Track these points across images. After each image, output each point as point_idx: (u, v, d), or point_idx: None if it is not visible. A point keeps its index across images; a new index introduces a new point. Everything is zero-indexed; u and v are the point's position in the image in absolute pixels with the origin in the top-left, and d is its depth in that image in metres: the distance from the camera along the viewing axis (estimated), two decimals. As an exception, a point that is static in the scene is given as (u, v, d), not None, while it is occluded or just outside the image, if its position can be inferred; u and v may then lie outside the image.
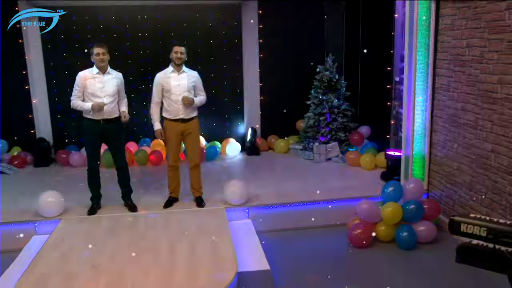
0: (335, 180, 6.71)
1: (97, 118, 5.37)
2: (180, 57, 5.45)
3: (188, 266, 4.21)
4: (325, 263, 4.89)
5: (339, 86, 7.98)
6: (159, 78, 5.56)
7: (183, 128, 5.57)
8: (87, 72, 5.42)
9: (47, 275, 4.09)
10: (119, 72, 5.61)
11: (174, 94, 5.48)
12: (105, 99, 5.34)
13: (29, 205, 5.84)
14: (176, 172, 5.74)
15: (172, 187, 5.77)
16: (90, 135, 5.46)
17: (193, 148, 5.65)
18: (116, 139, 5.55)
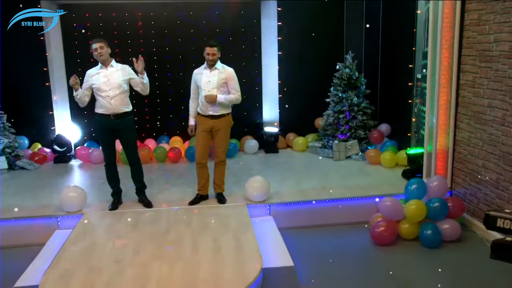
0: (355, 178, 6.65)
1: (107, 113, 5.38)
2: (212, 59, 5.43)
3: (212, 261, 4.19)
4: (348, 260, 4.84)
5: (359, 84, 7.92)
6: (194, 75, 5.61)
7: (212, 124, 5.55)
8: (93, 69, 5.48)
9: (71, 270, 4.09)
10: (125, 65, 5.58)
11: (204, 91, 5.47)
12: (111, 92, 5.34)
13: (51, 200, 5.89)
14: (204, 169, 5.72)
15: (201, 184, 5.75)
16: (101, 131, 5.49)
17: (219, 144, 5.62)
18: (127, 135, 5.53)
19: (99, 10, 8.20)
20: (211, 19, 8.41)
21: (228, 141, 5.77)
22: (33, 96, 8.14)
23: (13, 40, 7.83)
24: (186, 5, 8.31)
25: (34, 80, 8.09)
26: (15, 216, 5.39)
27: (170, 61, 8.43)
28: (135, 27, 8.31)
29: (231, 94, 5.59)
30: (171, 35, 8.42)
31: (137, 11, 8.27)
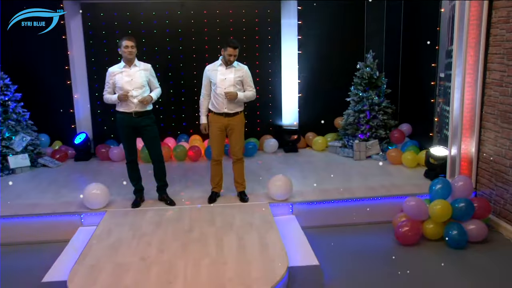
0: (376, 177, 6.59)
1: (129, 111, 5.39)
2: (233, 60, 5.43)
3: (238, 260, 4.18)
4: (372, 259, 4.80)
5: (380, 83, 7.86)
6: (206, 71, 5.55)
7: (227, 123, 5.54)
8: (115, 67, 5.48)
9: (98, 266, 4.11)
10: (147, 63, 5.60)
11: (219, 88, 5.45)
12: (134, 92, 5.36)
13: (73, 198, 5.93)
14: (219, 166, 5.73)
15: (215, 182, 5.76)
16: (123, 128, 5.49)
17: (236, 142, 5.62)
18: (150, 133, 5.53)
19: (121, 9, 8.22)
20: (230, 18, 8.41)
21: (244, 138, 5.76)
22: (54, 94, 8.20)
23: (35, 39, 7.88)
24: (205, 4, 8.31)
25: (55, 79, 8.14)
26: (39, 212, 5.43)
27: (185, 60, 8.43)
28: (151, 26, 8.30)
29: (248, 91, 5.59)
30: (187, 34, 8.41)
31: (153, 10, 8.28)
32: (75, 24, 8.13)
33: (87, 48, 8.32)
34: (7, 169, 7.17)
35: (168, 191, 5.83)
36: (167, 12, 8.30)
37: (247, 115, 8.05)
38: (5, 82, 7.34)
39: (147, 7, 8.26)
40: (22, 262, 4.91)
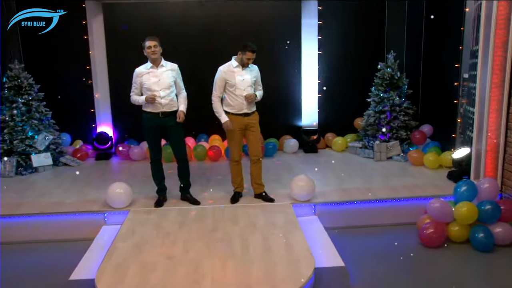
0: (398, 178, 6.54)
1: (156, 111, 5.39)
2: (250, 63, 5.47)
3: (264, 260, 4.17)
4: (397, 261, 4.75)
5: (401, 84, 7.81)
6: (222, 73, 5.52)
7: (246, 122, 5.55)
8: (142, 68, 5.48)
9: (124, 265, 4.12)
10: (174, 63, 5.60)
11: (239, 89, 5.45)
12: (162, 92, 5.36)
13: (96, 196, 5.98)
14: (240, 166, 5.74)
15: (237, 182, 5.76)
16: (149, 128, 5.49)
17: (255, 140, 5.62)
18: (176, 133, 5.54)
19: (142, 9, 8.27)
20: (250, 18, 8.40)
21: (260, 137, 5.78)
22: (75, 93, 8.29)
23: (58, 39, 7.98)
24: (226, 4, 8.32)
25: (77, 78, 8.22)
26: (64, 211, 5.48)
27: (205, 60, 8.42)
28: (170, 26, 8.32)
29: (259, 90, 5.68)
30: (206, 34, 8.43)
31: (172, 10, 8.30)
32: (97, 24, 8.21)
33: (108, 48, 8.38)
34: (30, 167, 7.24)
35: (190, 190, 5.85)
36: (188, 12, 8.33)
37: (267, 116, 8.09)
38: (29, 81, 7.41)
39: (166, 7, 8.29)
40: (48, 259, 4.95)
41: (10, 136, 7.24)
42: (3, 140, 7.24)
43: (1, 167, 7.02)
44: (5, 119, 7.24)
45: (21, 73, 7.37)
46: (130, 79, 8.35)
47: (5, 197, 6.01)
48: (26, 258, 4.99)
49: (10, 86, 7.32)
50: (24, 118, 7.30)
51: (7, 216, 5.37)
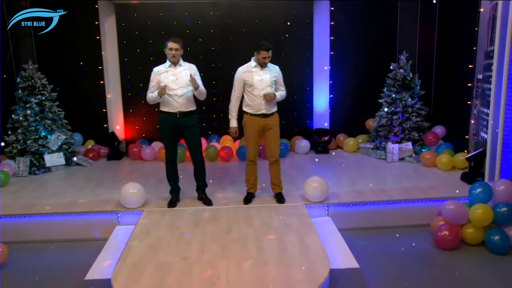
0: (411, 180, 6.51)
1: (173, 111, 5.41)
2: (267, 62, 5.44)
3: (280, 261, 4.16)
4: (412, 263, 4.72)
5: (413, 85, 7.77)
6: (241, 73, 5.53)
7: (264, 123, 5.54)
8: (160, 67, 5.50)
9: (140, 266, 4.13)
10: (192, 64, 5.61)
11: (257, 89, 5.45)
12: (179, 91, 5.37)
13: (109, 196, 6.00)
14: (255, 167, 5.73)
15: (251, 182, 5.75)
16: (166, 129, 5.50)
17: (273, 142, 5.60)
18: (193, 133, 5.55)
19: (154, 9, 8.30)
20: (263, 19, 8.40)
21: (280, 138, 5.76)
22: (87, 94, 8.32)
23: (71, 39, 8.02)
24: (238, 4, 8.33)
25: (89, 79, 8.26)
26: (77, 211, 5.50)
27: (218, 60, 8.44)
28: (183, 27, 8.35)
29: (280, 90, 5.63)
30: (220, 35, 8.45)
31: (186, 11, 8.32)
32: (109, 25, 8.25)
33: (120, 48, 8.41)
34: (43, 167, 7.28)
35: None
36: (200, 12, 8.34)
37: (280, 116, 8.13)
38: (42, 82, 7.46)
39: (179, 8, 8.31)
40: (62, 259, 4.96)
41: (24, 136, 7.28)
42: (17, 140, 7.29)
43: (15, 166, 7.07)
44: (19, 119, 7.29)
45: (35, 74, 7.41)
46: (142, 79, 8.45)
47: (19, 197, 6.05)
48: (40, 257, 5.01)
49: (24, 86, 7.37)
50: (38, 118, 7.34)
51: (21, 216, 5.40)
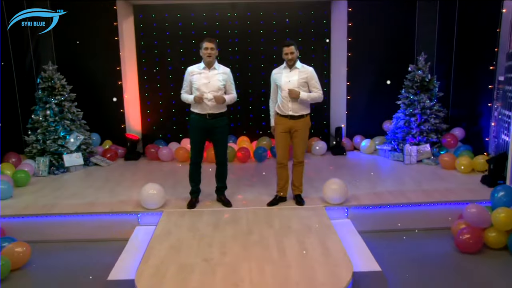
0: (430, 182, 6.46)
1: (203, 113, 5.42)
2: (291, 58, 5.40)
3: (302, 263, 4.15)
4: (434, 267, 4.68)
5: (432, 86, 7.71)
6: (272, 75, 5.59)
7: (291, 125, 5.52)
8: (194, 67, 5.50)
9: (163, 267, 4.14)
10: (226, 67, 5.61)
11: (284, 90, 5.45)
12: (209, 94, 5.38)
13: (128, 197, 6.03)
14: (285, 169, 5.69)
15: (280, 186, 5.72)
16: (195, 129, 5.51)
17: (298, 145, 5.58)
18: (221, 134, 5.57)
19: (172, 10, 8.34)
20: (280, 19, 8.40)
21: (307, 142, 5.73)
22: (105, 94, 8.37)
23: (89, 40, 8.08)
24: (255, 6, 8.34)
25: (107, 79, 8.31)
26: (97, 211, 5.53)
27: (237, 61, 8.45)
28: (208, 28, 8.38)
29: (313, 92, 5.55)
30: (237, 36, 8.47)
31: (209, 12, 8.34)
32: (127, 26, 8.30)
33: (138, 49, 8.45)
34: (62, 167, 7.34)
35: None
36: (217, 13, 8.36)
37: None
38: (61, 82, 7.52)
39: (197, 8, 8.33)
40: (83, 258, 4.99)
41: (43, 136, 7.34)
42: (37, 140, 7.35)
43: (35, 166, 7.13)
44: (39, 119, 7.35)
45: (54, 74, 7.47)
46: (159, 80, 8.50)
47: (40, 196, 6.11)
48: (61, 257, 5.05)
49: (44, 87, 7.43)
50: (57, 118, 7.40)
51: (43, 216, 5.45)
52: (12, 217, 5.43)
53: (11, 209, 5.59)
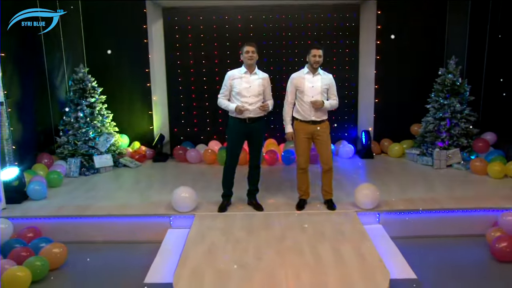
0: (462, 188, 6.38)
1: (243, 117, 5.45)
2: (318, 60, 5.40)
3: (338, 270, 4.14)
4: (470, 275, 4.61)
5: (463, 90, 7.61)
6: (293, 79, 5.55)
7: (314, 130, 5.52)
8: (235, 72, 5.52)
9: (199, 271, 4.17)
10: (265, 72, 5.62)
11: (307, 96, 5.45)
12: (250, 99, 5.41)
13: (158, 199, 6.08)
14: (306, 175, 5.70)
15: (303, 190, 5.73)
16: (234, 133, 5.54)
17: (326, 150, 5.57)
18: (258, 138, 5.61)
19: (200, 13, 8.38)
20: (307, 22, 8.39)
21: (331, 146, 5.74)
22: (134, 96, 8.45)
23: (120, 42, 8.16)
24: (285, 8, 8.34)
25: (136, 81, 8.39)
26: (131, 213, 5.59)
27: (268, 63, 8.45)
28: (235, 30, 8.42)
29: (332, 99, 5.59)
30: (260, 38, 8.46)
31: (237, 14, 8.37)
32: (156, 28, 8.37)
33: (167, 51, 8.53)
34: (93, 168, 7.44)
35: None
36: (245, 16, 8.38)
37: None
38: (92, 84, 7.62)
39: (225, 12, 8.37)
40: (117, 260, 5.06)
41: (74, 137, 7.45)
42: (68, 141, 7.46)
43: (66, 167, 7.24)
44: (70, 121, 7.46)
45: (85, 77, 7.57)
46: (187, 82, 8.55)
47: (73, 198, 6.21)
48: (95, 258, 5.11)
49: (75, 89, 7.55)
50: (88, 120, 7.50)
51: (77, 217, 5.53)
52: (47, 218, 5.52)
53: (46, 210, 5.70)
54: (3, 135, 6.18)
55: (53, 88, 7.70)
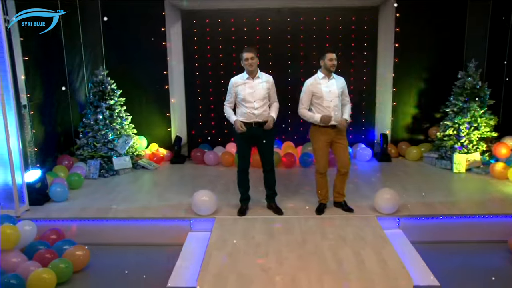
0: (482, 192, 6.33)
1: (249, 121, 5.45)
2: (335, 64, 5.40)
3: (360, 276, 4.14)
4: (492, 282, 4.58)
5: (483, 94, 7.55)
6: (309, 85, 5.53)
7: (334, 134, 5.52)
8: (238, 78, 5.53)
9: (222, 276, 4.20)
10: (269, 75, 5.61)
11: (326, 101, 5.44)
12: (255, 103, 5.42)
13: (178, 202, 6.12)
14: (325, 179, 5.70)
15: (322, 194, 5.73)
16: (242, 138, 5.54)
17: (345, 154, 5.58)
18: (267, 143, 5.59)
19: (218, 16, 8.42)
20: (326, 25, 8.38)
21: (348, 149, 5.75)
22: (152, 98, 8.50)
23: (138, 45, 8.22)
24: (304, 11, 8.35)
25: (154, 83, 8.42)
26: (151, 216, 5.64)
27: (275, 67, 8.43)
28: (253, 33, 8.43)
29: (347, 107, 5.66)
30: (278, 41, 8.48)
31: (256, 17, 8.39)
32: (175, 31, 8.42)
33: (185, 54, 8.57)
34: (112, 170, 7.50)
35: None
36: (263, 19, 8.40)
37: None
38: (111, 87, 7.70)
39: (243, 14, 8.39)
40: (138, 262, 5.10)
41: (94, 139, 7.52)
42: (87, 143, 7.54)
43: (86, 169, 7.31)
44: (90, 123, 7.54)
45: (105, 79, 7.65)
46: (206, 85, 8.59)
47: (94, 199, 6.28)
48: (117, 260, 5.18)
49: (95, 91, 7.62)
50: (107, 122, 7.56)
51: (99, 219, 5.60)
52: (69, 220, 5.59)
53: (68, 212, 5.77)
54: (26, 137, 6.26)
55: (73, 90, 7.79)
